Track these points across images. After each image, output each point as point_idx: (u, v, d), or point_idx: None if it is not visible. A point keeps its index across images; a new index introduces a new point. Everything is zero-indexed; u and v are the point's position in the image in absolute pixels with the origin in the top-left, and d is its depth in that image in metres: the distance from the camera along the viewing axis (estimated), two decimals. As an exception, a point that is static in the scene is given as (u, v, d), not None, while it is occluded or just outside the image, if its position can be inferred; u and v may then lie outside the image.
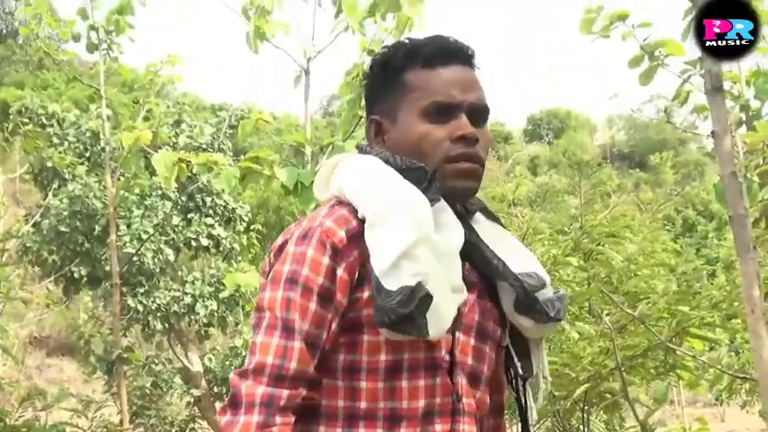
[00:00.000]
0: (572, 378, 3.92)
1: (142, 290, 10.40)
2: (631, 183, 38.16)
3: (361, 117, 3.65)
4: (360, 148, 1.60)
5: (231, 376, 1.41)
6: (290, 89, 3.97)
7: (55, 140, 10.80)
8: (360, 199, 1.45)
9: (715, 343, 4.10)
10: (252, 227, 12.12)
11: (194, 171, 4.11)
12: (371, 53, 3.66)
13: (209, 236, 10.82)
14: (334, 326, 1.41)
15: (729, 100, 3.13)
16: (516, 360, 1.60)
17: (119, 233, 8.96)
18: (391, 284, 1.35)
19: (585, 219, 4.64)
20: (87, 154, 10.73)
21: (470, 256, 1.52)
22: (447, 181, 1.49)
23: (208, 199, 10.84)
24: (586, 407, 4.33)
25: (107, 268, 8.98)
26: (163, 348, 11.65)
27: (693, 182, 37.01)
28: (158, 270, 10.51)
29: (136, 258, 9.86)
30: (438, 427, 1.44)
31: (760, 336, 2.14)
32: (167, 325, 10.80)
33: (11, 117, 10.87)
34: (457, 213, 1.52)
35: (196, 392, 10.96)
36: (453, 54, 1.55)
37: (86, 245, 10.53)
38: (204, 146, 10.79)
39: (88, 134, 10.62)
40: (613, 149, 47.72)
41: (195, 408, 11.22)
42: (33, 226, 10.79)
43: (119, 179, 7.40)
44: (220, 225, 10.98)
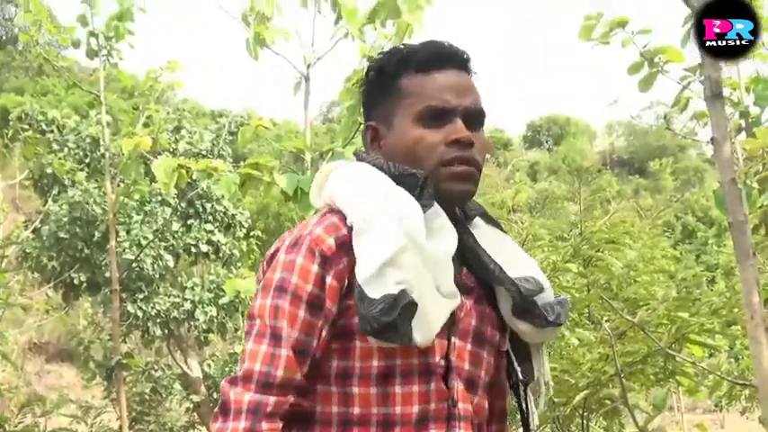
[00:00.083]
0: (571, 384, 3.91)
1: (142, 296, 10.41)
2: (631, 189, 38.21)
3: (360, 123, 3.65)
4: (356, 155, 1.61)
5: (222, 383, 1.42)
6: (290, 95, 3.98)
7: (55, 146, 10.84)
8: (349, 206, 1.45)
9: (715, 349, 4.09)
10: (251, 233, 12.15)
11: (194, 177, 4.11)
12: (371, 60, 3.65)
13: (208, 242, 10.84)
14: (324, 333, 1.41)
15: (729, 106, 3.13)
16: (516, 365, 1.59)
17: (118, 239, 8.97)
18: (374, 292, 1.35)
19: (585, 225, 4.62)
20: (87, 160, 10.77)
21: (468, 261, 1.52)
22: (442, 184, 1.49)
23: (207, 205, 10.87)
24: (586, 413, 4.32)
25: (107, 274, 8.99)
26: (162, 354, 11.66)
27: (693, 188, 37.07)
28: (158, 276, 10.53)
29: (135, 264, 9.87)
30: None
31: (759, 342, 2.13)
32: (167, 331, 10.81)
33: (11, 123, 10.91)
34: (456, 218, 1.52)
35: (195, 398, 10.97)
36: (448, 59, 1.55)
37: (86, 251, 10.55)
38: (204, 152, 10.82)
39: (88, 140, 10.66)
40: (613, 156, 47.82)
41: (194, 413, 11.23)
42: (33, 232, 10.80)
43: (118, 185, 7.40)
44: (220, 231, 11.00)
